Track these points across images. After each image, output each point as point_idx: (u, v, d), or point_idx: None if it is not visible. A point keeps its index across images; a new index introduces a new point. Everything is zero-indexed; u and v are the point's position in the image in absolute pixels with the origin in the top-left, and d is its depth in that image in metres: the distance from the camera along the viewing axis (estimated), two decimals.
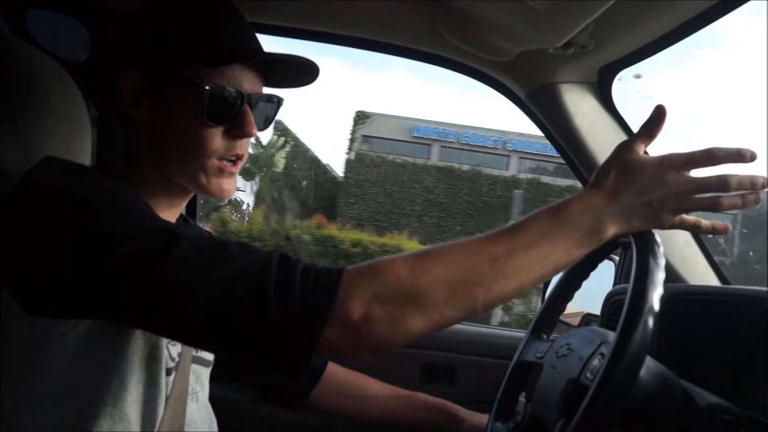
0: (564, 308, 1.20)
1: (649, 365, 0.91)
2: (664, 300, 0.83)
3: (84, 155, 1.12)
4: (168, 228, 0.81)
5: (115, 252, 0.77)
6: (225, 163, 0.97)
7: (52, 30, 1.55)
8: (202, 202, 1.99)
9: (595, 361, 0.93)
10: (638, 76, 1.51)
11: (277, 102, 1.04)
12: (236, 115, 0.95)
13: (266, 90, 1.02)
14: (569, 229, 0.83)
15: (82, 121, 1.13)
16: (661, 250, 0.86)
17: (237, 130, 0.96)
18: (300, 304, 0.76)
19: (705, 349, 1.15)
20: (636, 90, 1.61)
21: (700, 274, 1.55)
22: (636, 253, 0.86)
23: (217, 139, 0.95)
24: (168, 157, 0.96)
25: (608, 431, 0.84)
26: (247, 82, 0.96)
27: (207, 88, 0.91)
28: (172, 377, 0.96)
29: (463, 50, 1.47)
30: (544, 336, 1.19)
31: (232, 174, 0.99)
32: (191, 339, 0.88)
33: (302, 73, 1.02)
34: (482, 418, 1.37)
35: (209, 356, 1.14)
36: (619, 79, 1.51)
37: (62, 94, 1.09)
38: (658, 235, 0.88)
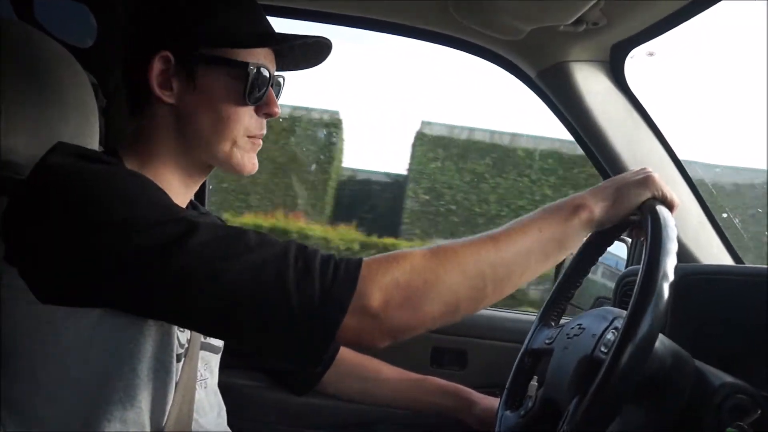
0: (572, 294, 1.20)
1: (663, 341, 0.90)
2: (677, 280, 0.82)
3: (93, 142, 1.12)
4: (186, 217, 0.81)
5: (133, 240, 0.78)
6: (254, 139, 1.01)
7: (60, 15, 1.55)
8: (210, 187, 1.99)
9: (609, 335, 0.93)
10: (651, 54, 1.49)
11: (282, 84, 1.07)
12: (265, 95, 0.99)
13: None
14: (557, 213, 0.90)
15: (91, 108, 1.12)
16: (673, 223, 0.88)
17: (265, 109, 1.00)
18: (320, 294, 0.77)
19: (719, 329, 1.14)
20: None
21: (714, 254, 1.53)
22: (649, 226, 0.87)
23: (248, 117, 0.99)
24: (199, 136, 0.97)
25: (622, 407, 0.83)
26: (271, 64, 1.01)
27: (251, 68, 0.95)
28: (181, 364, 0.96)
29: (474, 30, 1.45)
30: (553, 323, 1.19)
31: (257, 148, 1.03)
32: (208, 329, 0.89)
33: (315, 55, 1.07)
34: (495, 402, 1.37)
35: (218, 343, 1.14)
36: (632, 57, 1.49)
37: (71, 80, 1.08)
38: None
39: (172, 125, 0.97)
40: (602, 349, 0.92)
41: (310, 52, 1.06)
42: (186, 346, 0.98)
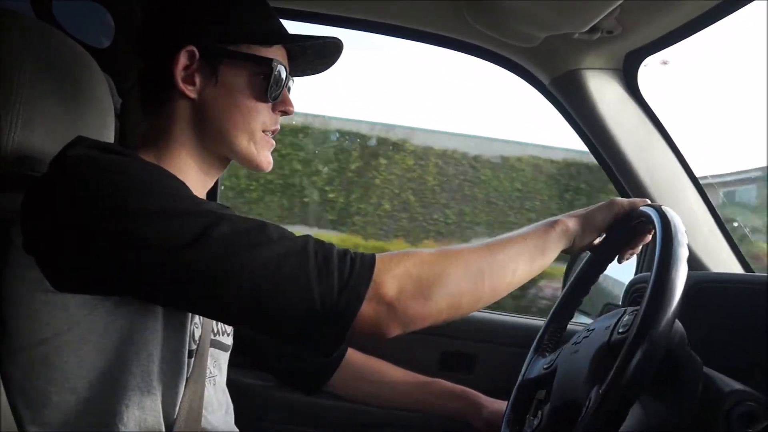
0: (566, 325, 1.22)
1: (678, 326, 0.90)
2: (687, 288, 0.83)
3: (109, 140, 1.13)
4: (209, 209, 0.83)
5: (154, 230, 0.79)
6: (269, 136, 1.05)
7: (78, 15, 1.56)
8: (222, 188, 2.00)
9: (626, 318, 0.94)
10: (665, 63, 1.49)
11: (292, 84, 1.10)
12: (281, 93, 1.03)
13: None
14: (539, 227, 1.01)
15: (108, 108, 1.14)
16: (681, 222, 0.93)
17: (281, 106, 1.04)
18: (339, 284, 0.82)
19: (729, 337, 1.14)
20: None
21: (724, 261, 1.53)
22: (659, 228, 0.91)
23: (265, 113, 1.02)
24: (218, 130, 1.00)
25: (642, 390, 0.81)
26: (286, 62, 1.04)
27: (275, 65, 0.99)
28: (192, 360, 0.97)
29: (488, 36, 1.46)
30: (547, 353, 1.20)
31: (272, 145, 1.06)
32: (231, 318, 0.93)
33: (326, 59, 1.11)
34: (503, 405, 1.37)
35: (228, 341, 1.15)
36: (645, 66, 1.49)
37: (88, 79, 1.09)
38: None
39: (191, 120, 0.99)
40: (620, 330, 0.93)
41: (321, 55, 1.09)
42: (197, 342, 0.99)
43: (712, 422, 0.89)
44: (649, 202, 1.05)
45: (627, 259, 1.14)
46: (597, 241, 1.09)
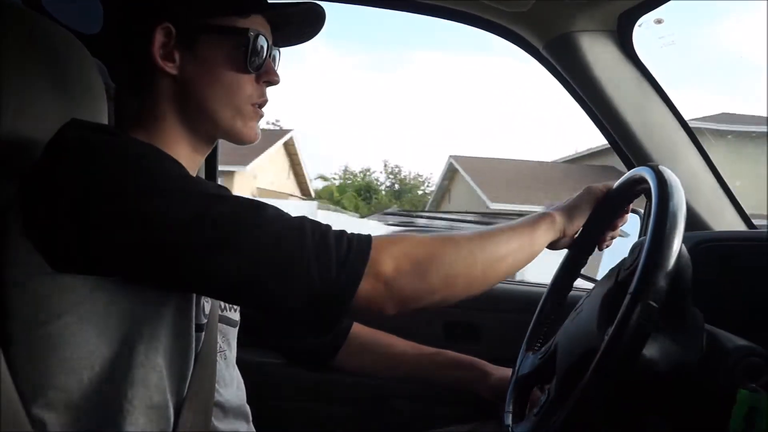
0: (552, 320, 1.24)
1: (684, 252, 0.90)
2: (690, 247, 0.83)
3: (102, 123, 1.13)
4: (208, 188, 0.84)
5: (154, 210, 0.80)
6: (257, 107, 1.02)
7: (65, 1, 1.55)
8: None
9: (628, 259, 0.96)
10: (659, 21, 1.47)
11: (279, 57, 1.08)
12: (264, 63, 1.00)
13: None
14: (527, 219, 1.05)
15: (99, 93, 1.13)
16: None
17: (265, 77, 1.01)
18: (337, 263, 0.83)
19: (732, 295, 1.14)
20: (658, 36, 1.57)
21: (728, 220, 1.52)
22: (655, 188, 0.92)
23: (249, 86, 1.00)
24: (202, 106, 0.98)
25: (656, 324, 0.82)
26: (268, 34, 1.02)
27: (251, 34, 0.97)
28: (202, 334, 0.98)
29: (480, 3, 1.45)
30: (537, 347, 1.21)
31: (260, 117, 1.04)
32: (230, 296, 0.94)
33: (308, 28, 1.08)
34: (508, 372, 1.38)
35: (235, 317, 1.16)
36: (640, 26, 1.47)
37: (78, 65, 1.09)
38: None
39: (175, 97, 0.99)
40: (625, 266, 0.96)
41: (305, 24, 1.07)
42: (207, 317, 1.00)
43: (716, 377, 0.89)
44: (614, 185, 1.11)
45: (608, 245, 1.18)
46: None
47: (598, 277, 1.20)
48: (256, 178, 21.08)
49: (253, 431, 1.20)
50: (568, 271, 1.22)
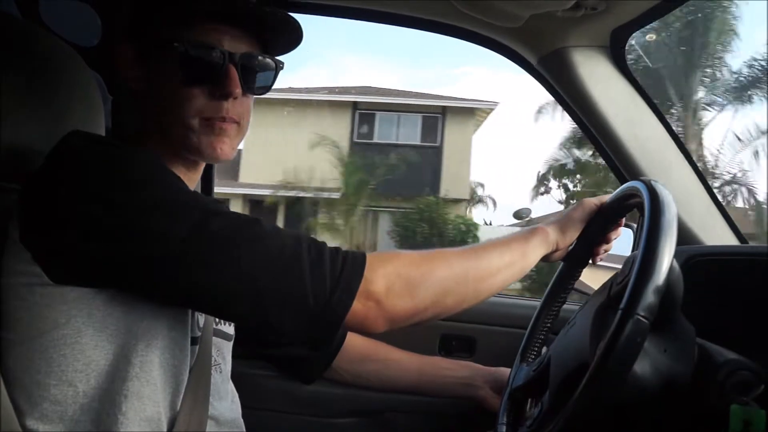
0: (546, 334, 1.25)
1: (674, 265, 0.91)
2: (681, 262, 0.84)
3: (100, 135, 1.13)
4: (206, 202, 0.85)
5: (152, 223, 0.80)
6: (215, 121, 0.95)
7: (65, 14, 1.56)
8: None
9: (620, 276, 0.96)
10: (652, 38, 1.49)
11: (276, 66, 1.02)
12: (217, 75, 0.93)
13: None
14: (521, 233, 1.06)
15: (97, 106, 1.14)
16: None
17: (219, 89, 0.94)
18: (332, 280, 0.83)
19: (723, 309, 1.15)
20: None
21: (719, 235, 1.53)
22: (648, 202, 0.93)
23: (199, 99, 0.94)
24: (158, 122, 0.97)
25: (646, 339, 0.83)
26: (230, 41, 0.94)
27: (177, 45, 0.91)
28: (196, 347, 0.98)
29: (474, 18, 1.45)
30: (531, 358, 1.22)
31: (224, 131, 0.96)
32: (222, 312, 0.93)
33: (285, 32, 1.00)
34: (506, 371, 1.38)
35: (230, 330, 1.15)
36: (632, 42, 1.48)
37: (76, 78, 1.10)
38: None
39: (145, 113, 0.99)
40: (617, 281, 0.96)
41: (282, 30, 0.99)
42: (201, 330, 1.00)
43: (707, 392, 0.90)
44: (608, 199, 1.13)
45: (601, 259, 1.18)
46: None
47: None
48: None
49: None
50: (562, 284, 1.23)
